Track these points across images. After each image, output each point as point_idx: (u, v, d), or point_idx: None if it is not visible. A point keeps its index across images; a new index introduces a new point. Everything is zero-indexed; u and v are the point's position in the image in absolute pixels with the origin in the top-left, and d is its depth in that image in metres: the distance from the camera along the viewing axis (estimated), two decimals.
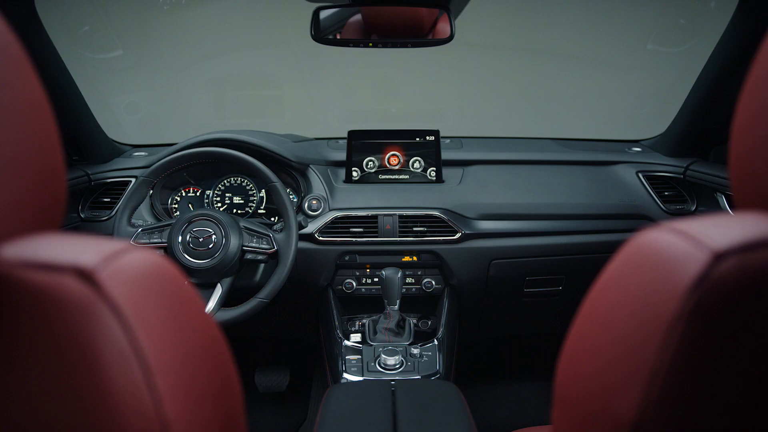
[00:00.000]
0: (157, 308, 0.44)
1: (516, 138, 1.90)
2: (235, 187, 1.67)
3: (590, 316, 0.54)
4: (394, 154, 1.65)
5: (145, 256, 0.46)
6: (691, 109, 1.57)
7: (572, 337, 0.58)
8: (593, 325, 0.54)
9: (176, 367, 0.44)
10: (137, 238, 1.35)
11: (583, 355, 0.54)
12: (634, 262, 0.49)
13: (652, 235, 0.49)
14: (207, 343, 0.50)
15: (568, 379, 0.58)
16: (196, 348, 0.48)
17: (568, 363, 0.58)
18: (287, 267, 1.32)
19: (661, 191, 1.64)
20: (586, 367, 0.54)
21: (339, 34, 1.39)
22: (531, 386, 1.97)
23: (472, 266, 1.55)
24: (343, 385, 1.03)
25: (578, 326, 0.57)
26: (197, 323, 0.49)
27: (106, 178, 1.63)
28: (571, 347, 0.58)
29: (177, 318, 0.46)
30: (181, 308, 0.48)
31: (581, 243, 1.57)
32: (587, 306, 0.56)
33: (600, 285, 0.54)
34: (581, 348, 0.55)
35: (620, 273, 0.50)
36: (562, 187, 1.62)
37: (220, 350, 0.52)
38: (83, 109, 1.55)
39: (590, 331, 0.54)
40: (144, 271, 0.45)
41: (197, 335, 0.49)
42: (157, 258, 0.47)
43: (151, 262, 0.46)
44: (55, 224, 0.49)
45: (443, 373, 1.31)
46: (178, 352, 0.45)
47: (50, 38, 1.31)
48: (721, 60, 1.41)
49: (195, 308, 0.50)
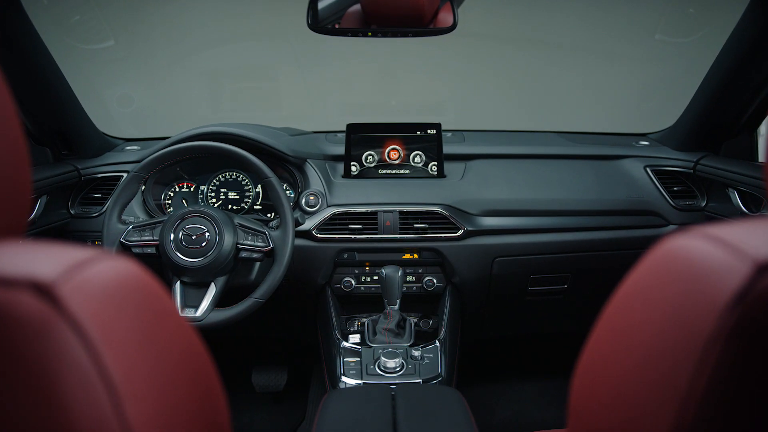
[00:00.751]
0: (127, 325, 0.39)
1: (520, 131, 1.86)
2: (230, 182, 1.63)
3: (611, 329, 0.49)
4: (395, 148, 1.61)
5: (115, 265, 0.41)
6: (702, 102, 1.52)
7: (590, 349, 0.53)
8: (614, 339, 0.49)
9: (149, 391, 0.39)
10: (127, 235, 1.31)
11: (602, 370, 0.50)
12: (662, 271, 0.44)
13: (684, 241, 0.44)
14: (186, 360, 0.45)
15: (585, 396, 0.53)
16: (173, 367, 0.43)
17: (585, 378, 0.53)
18: (283, 266, 1.28)
19: (669, 186, 1.59)
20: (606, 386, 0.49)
21: (338, 25, 1.35)
22: (534, 386, 1.94)
23: (474, 264, 1.52)
24: (341, 391, 0.99)
25: (597, 339, 0.52)
26: (175, 339, 0.45)
27: (97, 173, 1.58)
28: (588, 361, 0.53)
29: (151, 335, 0.41)
30: (156, 323, 0.43)
31: (587, 240, 1.54)
32: (607, 317, 0.51)
33: (622, 295, 0.49)
34: (600, 363, 0.50)
35: (646, 283, 0.45)
36: (567, 182, 1.58)
37: (201, 367, 0.48)
38: (72, 101, 1.51)
39: (611, 346, 0.49)
40: (112, 283, 0.40)
41: (175, 353, 0.44)
42: (128, 267, 0.42)
43: (121, 272, 0.41)
44: (17, 231, 0.45)
45: (445, 377, 1.27)
46: (152, 373, 0.40)
47: (35, 27, 1.26)
48: (734, 51, 1.37)
49: (172, 322, 0.45)
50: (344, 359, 1.30)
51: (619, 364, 0.47)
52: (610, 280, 1.68)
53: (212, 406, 0.48)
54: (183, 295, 1.29)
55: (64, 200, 1.56)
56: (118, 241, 1.30)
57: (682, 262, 0.42)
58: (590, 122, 2.11)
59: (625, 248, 1.55)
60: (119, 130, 1.81)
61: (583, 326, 1.90)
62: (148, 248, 1.31)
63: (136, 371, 0.39)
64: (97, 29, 1.95)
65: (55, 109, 1.46)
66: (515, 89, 2.24)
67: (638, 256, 1.50)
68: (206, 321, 1.25)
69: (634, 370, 0.44)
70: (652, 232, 1.55)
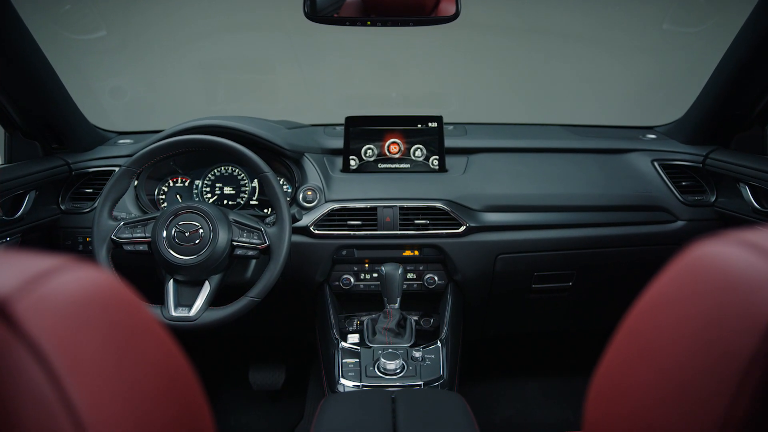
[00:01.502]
0: (95, 345, 0.35)
1: (523, 124, 1.83)
2: (225, 176, 1.59)
3: (632, 341, 0.45)
4: (395, 142, 1.57)
5: (81, 276, 0.37)
6: (712, 94, 1.48)
7: (607, 365, 0.49)
8: (636, 352, 0.45)
9: (120, 420, 0.35)
10: (119, 232, 1.27)
11: (623, 389, 0.45)
12: (693, 281, 0.40)
13: (717, 248, 0.39)
14: (165, 379, 0.41)
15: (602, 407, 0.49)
16: (150, 390, 0.39)
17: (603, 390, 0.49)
18: (279, 264, 1.24)
19: (677, 181, 1.55)
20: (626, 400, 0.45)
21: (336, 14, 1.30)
22: (536, 385, 1.91)
23: (477, 261, 1.48)
24: (339, 396, 0.95)
25: (616, 354, 0.48)
26: (153, 357, 0.40)
27: (88, 168, 1.54)
28: (605, 378, 0.49)
29: (123, 355, 0.37)
30: (130, 341, 0.39)
31: (593, 236, 1.50)
32: (627, 330, 0.46)
33: (645, 305, 0.45)
34: (620, 381, 0.46)
35: (675, 294, 0.41)
36: (572, 177, 1.54)
37: (183, 385, 0.43)
38: (61, 92, 1.46)
39: (632, 363, 0.45)
40: (78, 297, 0.35)
41: (152, 373, 0.39)
42: (98, 278, 0.37)
43: (89, 284, 0.37)
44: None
45: (447, 378, 1.23)
46: (125, 398, 0.36)
47: (19, 15, 1.21)
48: (748, 41, 1.32)
49: (149, 338, 0.41)
50: (343, 360, 1.26)
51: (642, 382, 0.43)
52: (616, 278, 1.65)
53: (196, 429, 0.44)
54: (176, 294, 1.26)
55: (54, 195, 1.52)
56: (109, 239, 1.26)
57: (716, 272, 0.38)
58: (596, 115, 2.06)
59: (631, 245, 1.51)
60: (112, 123, 1.77)
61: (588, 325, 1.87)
62: (140, 245, 1.27)
63: (105, 398, 0.34)
64: (89, 19, 1.90)
65: (44, 101, 1.42)
66: (519, 81, 2.20)
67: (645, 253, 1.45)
68: (200, 321, 1.22)
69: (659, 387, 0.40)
70: (660, 229, 1.51)
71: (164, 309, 1.23)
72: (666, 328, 0.40)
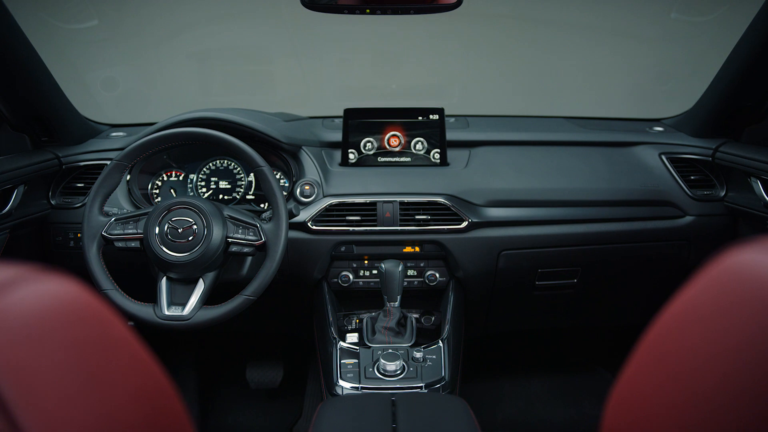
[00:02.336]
0: (56, 367, 0.31)
1: (527, 116, 1.79)
2: (221, 170, 1.55)
3: (658, 363, 0.41)
4: (395, 135, 1.53)
5: (42, 290, 0.32)
6: (723, 85, 1.43)
7: (629, 377, 0.45)
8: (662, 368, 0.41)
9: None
10: (110, 228, 1.23)
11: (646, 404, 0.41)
12: (728, 292, 0.35)
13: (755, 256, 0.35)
14: (142, 401, 0.37)
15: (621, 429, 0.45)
16: (123, 414, 0.35)
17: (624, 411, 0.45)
18: (276, 260, 1.20)
19: (686, 175, 1.51)
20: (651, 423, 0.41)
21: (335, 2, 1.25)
22: (539, 382, 1.88)
23: (479, 257, 1.44)
24: (336, 401, 0.92)
25: (639, 365, 0.44)
26: (127, 377, 0.36)
27: (79, 161, 1.50)
28: (627, 390, 0.45)
29: (91, 376, 0.33)
30: (100, 360, 0.34)
31: (599, 232, 1.46)
32: (651, 347, 0.42)
33: (672, 321, 0.40)
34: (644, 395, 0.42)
35: (709, 309, 0.36)
36: (577, 171, 1.50)
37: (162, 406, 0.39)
38: (50, 84, 1.41)
39: (657, 376, 0.41)
40: (38, 312, 0.31)
41: (126, 394, 0.35)
42: (61, 292, 0.33)
43: (53, 297, 0.32)
44: None
45: (449, 381, 1.20)
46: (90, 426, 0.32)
47: (3, 1, 1.16)
48: (760, 31, 1.27)
49: (123, 356, 0.37)
50: (341, 361, 1.23)
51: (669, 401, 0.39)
52: (622, 275, 1.60)
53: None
54: (169, 293, 1.22)
55: (44, 190, 1.48)
56: (100, 235, 1.22)
57: (757, 283, 0.34)
58: (601, 106, 2.02)
59: (638, 241, 1.47)
60: (104, 116, 1.73)
61: (593, 322, 1.83)
62: (131, 242, 1.23)
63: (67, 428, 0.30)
64: (80, 7, 1.85)
65: (33, 92, 1.37)
66: (522, 72, 2.15)
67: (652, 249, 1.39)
68: (193, 320, 1.18)
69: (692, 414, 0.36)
70: (667, 224, 1.47)
71: (157, 308, 1.19)
72: (700, 346, 0.36)
